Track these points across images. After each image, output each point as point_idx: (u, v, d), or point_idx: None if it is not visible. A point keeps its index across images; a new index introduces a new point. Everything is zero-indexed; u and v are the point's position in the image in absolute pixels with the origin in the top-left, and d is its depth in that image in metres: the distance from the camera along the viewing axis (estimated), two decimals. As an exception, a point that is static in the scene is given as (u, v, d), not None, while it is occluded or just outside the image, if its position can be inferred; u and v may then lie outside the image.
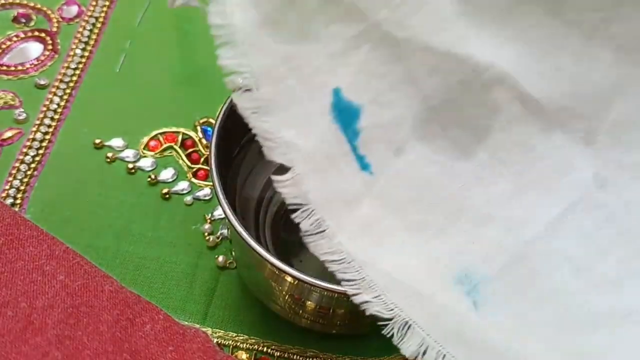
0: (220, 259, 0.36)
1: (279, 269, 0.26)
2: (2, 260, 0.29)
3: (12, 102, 0.41)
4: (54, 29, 0.44)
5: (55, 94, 0.41)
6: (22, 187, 0.37)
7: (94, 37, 0.44)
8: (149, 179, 0.38)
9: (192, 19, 0.45)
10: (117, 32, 0.44)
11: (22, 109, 0.40)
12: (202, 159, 0.40)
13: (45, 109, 0.40)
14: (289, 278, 0.27)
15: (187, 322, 0.33)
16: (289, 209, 0.24)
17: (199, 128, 0.41)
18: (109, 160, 0.39)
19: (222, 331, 0.34)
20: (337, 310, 0.30)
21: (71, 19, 0.45)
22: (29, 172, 0.38)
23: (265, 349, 0.33)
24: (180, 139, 0.40)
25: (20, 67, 0.42)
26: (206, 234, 0.37)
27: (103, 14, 0.45)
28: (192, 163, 0.39)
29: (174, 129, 0.41)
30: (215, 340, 0.33)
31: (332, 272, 0.24)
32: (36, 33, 0.44)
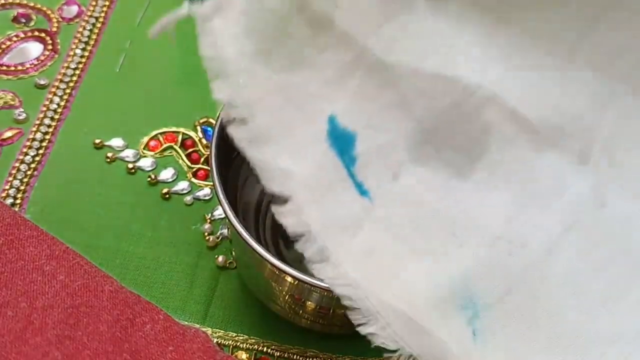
0: (220, 259, 0.36)
1: (279, 269, 0.26)
2: (2, 260, 0.29)
3: (12, 102, 0.41)
4: (54, 29, 0.44)
5: (55, 94, 0.41)
6: (22, 187, 0.37)
7: (94, 37, 0.44)
8: (149, 179, 0.38)
9: (192, 19, 0.45)
10: (117, 32, 0.44)
11: (22, 109, 0.40)
12: (202, 159, 0.40)
13: (45, 109, 0.40)
14: (289, 278, 0.27)
15: (187, 322, 0.33)
16: (292, 239, 0.24)
17: (199, 128, 0.41)
18: (109, 160, 0.39)
19: (222, 331, 0.34)
20: (337, 310, 0.30)
21: (71, 19, 0.45)
22: (29, 172, 0.38)
23: (265, 349, 0.33)
24: (180, 139, 0.40)
25: (20, 67, 0.42)
26: (206, 234, 0.37)
27: (103, 14, 0.45)
28: (192, 163, 0.39)
29: (174, 129, 0.41)
30: (215, 340, 0.33)
31: (338, 297, 0.24)
32: (36, 33, 0.44)
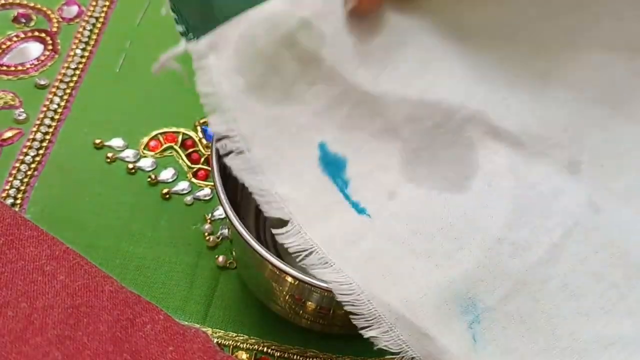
0: (220, 259, 0.36)
1: (279, 269, 0.26)
2: (3, 260, 0.29)
3: (12, 102, 0.41)
4: (54, 29, 0.44)
5: (55, 94, 0.41)
6: (22, 187, 0.37)
7: (94, 37, 0.44)
8: (149, 179, 0.38)
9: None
10: (117, 32, 0.44)
11: (22, 109, 0.40)
12: (202, 159, 0.40)
13: (45, 109, 0.40)
14: (289, 278, 0.27)
15: (187, 322, 0.33)
16: (294, 256, 0.25)
17: (199, 128, 0.41)
18: (109, 160, 0.39)
19: (222, 331, 0.34)
20: (337, 310, 0.30)
21: (71, 19, 0.45)
22: (29, 172, 0.38)
23: (265, 349, 0.33)
24: (180, 139, 0.40)
25: (20, 67, 0.42)
26: (206, 234, 0.37)
27: (103, 14, 0.45)
28: (192, 163, 0.39)
29: (174, 129, 0.41)
30: (215, 340, 0.33)
31: (341, 302, 0.24)
32: (36, 33, 0.44)
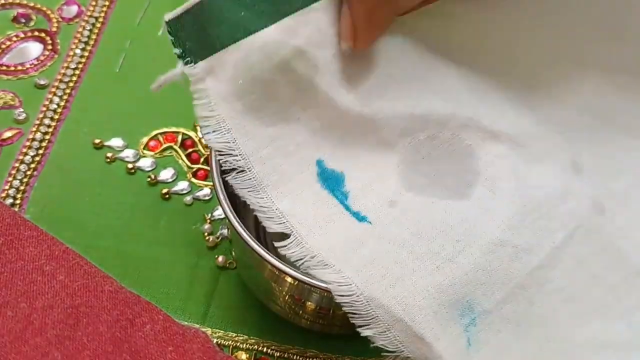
0: (220, 259, 0.36)
1: (279, 269, 0.26)
2: (2, 260, 0.29)
3: (12, 102, 0.41)
4: (54, 29, 0.44)
5: (55, 94, 0.41)
6: (22, 187, 0.37)
7: (94, 37, 0.44)
8: (149, 179, 0.38)
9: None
10: (117, 32, 0.44)
11: (22, 109, 0.40)
12: (201, 159, 0.40)
13: (45, 109, 0.40)
14: (289, 279, 0.27)
15: (187, 322, 0.33)
16: (297, 265, 0.26)
17: (198, 128, 0.41)
18: (108, 160, 0.39)
19: (222, 331, 0.34)
20: (337, 310, 0.30)
21: (71, 19, 0.45)
22: (29, 172, 0.38)
23: (265, 349, 0.33)
24: (180, 139, 0.40)
25: (20, 67, 0.42)
26: (206, 234, 0.37)
27: (103, 14, 0.45)
28: (191, 163, 0.39)
29: (173, 129, 0.41)
30: (215, 341, 0.33)
31: (339, 303, 0.25)
32: (36, 33, 0.44)
